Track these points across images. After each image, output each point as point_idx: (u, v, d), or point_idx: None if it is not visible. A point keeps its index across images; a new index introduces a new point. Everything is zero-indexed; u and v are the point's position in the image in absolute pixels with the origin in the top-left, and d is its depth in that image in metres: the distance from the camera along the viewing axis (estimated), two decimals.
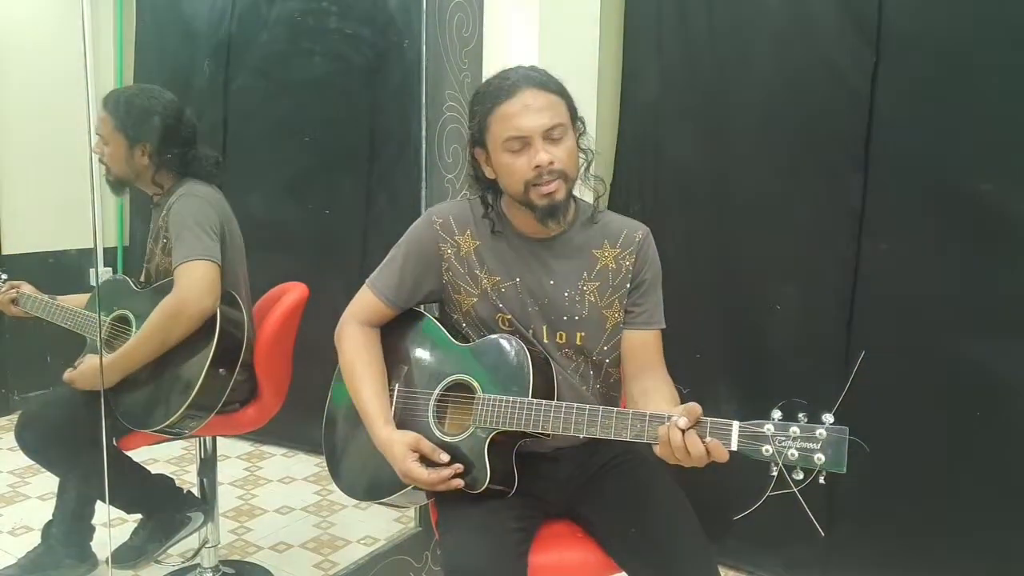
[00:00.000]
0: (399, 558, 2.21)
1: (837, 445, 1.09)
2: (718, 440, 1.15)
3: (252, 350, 1.97)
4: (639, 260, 1.49)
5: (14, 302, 1.92)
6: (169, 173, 1.91)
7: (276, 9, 2.91)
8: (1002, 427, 1.90)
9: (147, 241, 1.98)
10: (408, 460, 1.36)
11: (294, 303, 2.01)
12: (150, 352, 1.78)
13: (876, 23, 1.97)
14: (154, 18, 3.08)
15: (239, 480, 2.84)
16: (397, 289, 1.52)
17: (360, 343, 1.52)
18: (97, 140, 1.87)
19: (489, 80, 1.42)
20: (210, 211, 1.85)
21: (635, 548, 1.37)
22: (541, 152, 1.34)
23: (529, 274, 1.47)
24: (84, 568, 2.00)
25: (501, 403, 1.36)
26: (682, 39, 2.28)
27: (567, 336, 1.46)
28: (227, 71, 2.98)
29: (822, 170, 2.09)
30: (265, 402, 1.98)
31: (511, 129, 1.35)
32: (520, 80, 1.37)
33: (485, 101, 1.39)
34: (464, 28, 2.10)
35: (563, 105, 1.39)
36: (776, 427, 1.12)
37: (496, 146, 1.39)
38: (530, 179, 1.36)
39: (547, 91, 1.37)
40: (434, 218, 1.52)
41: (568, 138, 1.38)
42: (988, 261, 1.90)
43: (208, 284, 1.75)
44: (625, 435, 1.24)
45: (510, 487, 1.40)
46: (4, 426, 2.78)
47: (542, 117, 1.35)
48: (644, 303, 1.49)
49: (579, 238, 1.49)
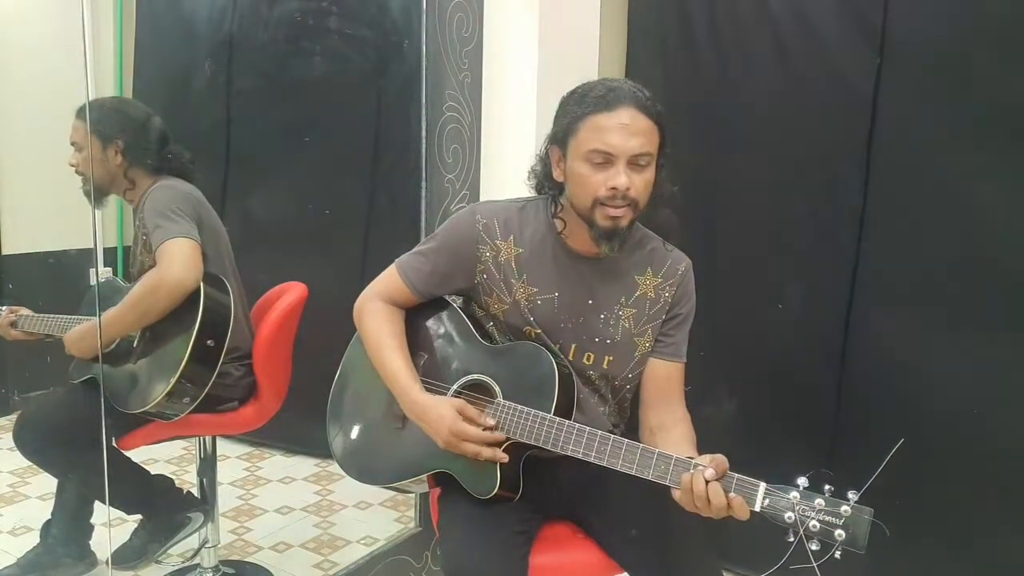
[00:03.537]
0: (399, 558, 2.21)
1: (859, 524, 1.09)
2: (742, 498, 1.14)
3: (251, 346, 1.98)
4: (679, 293, 1.47)
5: (13, 325, 1.95)
6: (143, 172, 1.92)
7: (277, 9, 2.91)
8: (1001, 426, 1.89)
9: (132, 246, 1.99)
10: (459, 420, 1.33)
11: (294, 303, 2.01)
12: (130, 324, 1.80)
13: (879, 24, 1.97)
14: (154, 18, 3.08)
15: (239, 480, 2.84)
16: (425, 278, 1.49)
17: (386, 316, 1.49)
18: (72, 153, 1.89)
19: (591, 84, 1.37)
20: (182, 199, 1.86)
21: (636, 549, 1.37)
22: (622, 175, 1.30)
23: (569, 290, 1.44)
24: (83, 567, 2.00)
25: (521, 414, 1.34)
26: (684, 40, 2.28)
27: (595, 358, 1.45)
28: (228, 71, 2.98)
29: (823, 170, 2.09)
30: (265, 402, 1.98)
31: (600, 143, 1.30)
32: (625, 96, 1.32)
33: (582, 104, 1.34)
34: (464, 28, 2.10)
35: (657, 135, 1.34)
36: (802, 496, 1.12)
37: (578, 153, 1.34)
38: (601, 197, 1.32)
39: (647, 116, 1.32)
40: (478, 217, 1.47)
41: (651, 169, 1.35)
42: (988, 261, 1.90)
43: (188, 259, 1.75)
44: (647, 475, 1.22)
45: (515, 493, 1.39)
46: (4, 426, 2.78)
47: (635, 140, 1.30)
48: (675, 335, 1.48)
49: (624, 261, 1.45)
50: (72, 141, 1.88)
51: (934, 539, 1.99)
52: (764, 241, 2.18)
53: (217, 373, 1.79)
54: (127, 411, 1.79)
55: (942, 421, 1.96)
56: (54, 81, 2.39)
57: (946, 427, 1.96)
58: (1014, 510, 1.90)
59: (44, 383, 2.53)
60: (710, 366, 2.20)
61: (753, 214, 2.20)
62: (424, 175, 2.10)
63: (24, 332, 1.95)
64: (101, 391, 1.74)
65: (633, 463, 1.24)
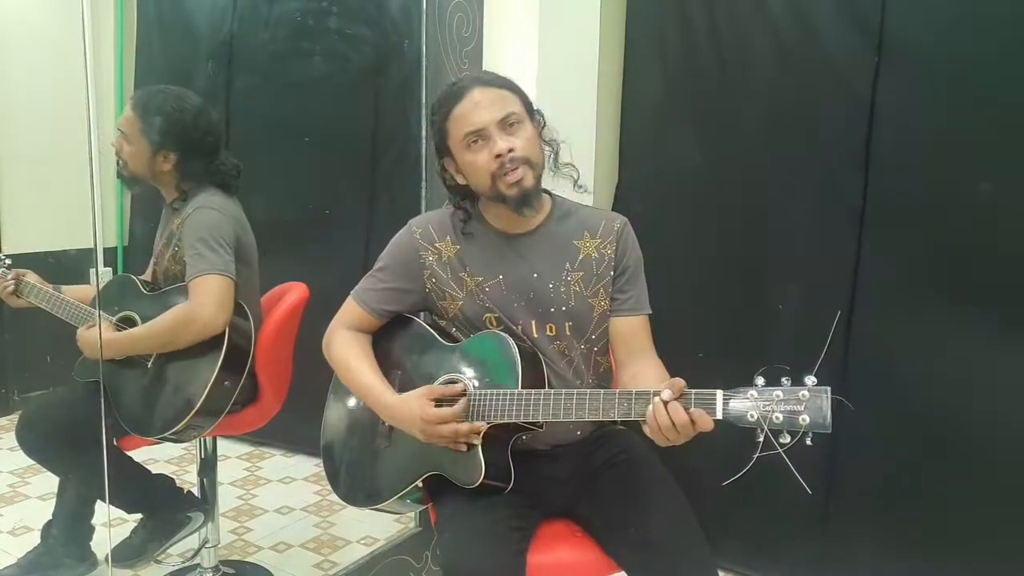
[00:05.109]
0: (399, 558, 2.21)
1: (821, 404, 1.10)
2: (703, 410, 1.16)
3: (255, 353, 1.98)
4: (620, 248, 1.51)
5: (17, 293, 1.91)
6: (189, 180, 1.91)
7: (277, 9, 2.92)
8: (1002, 426, 1.89)
9: (156, 240, 1.98)
10: (427, 407, 1.36)
11: (295, 303, 2.01)
12: (152, 347, 1.81)
13: (878, 23, 1.97)
14: (154, 18, 3.09)
15: (239, 480, 2.84)
16: (380, 297, 1.54)
17: (350, 340, 1.54)
18: (118, 136, 1.87)
19: (440, 91, 1.48)
20: (227, 225, 1.85)
21: (634, 547, 1.37)
22: (499, 141, 1.38)
23: (512, 270, 1.49)
24: (84, 568, 2.00)
25: (491, 396, 1.36)
26: (683, 39, 2.27)
27: (556, 328, 1.48)
28: (228, 71, 2.99)
29: (823, 170, 2.09)
30: (265, 402, 1.98)
31: (467, 125, 1.39)
32: (468, 82, 1.43)
33: (440, 109, 1.44)
34: (464, 28, 2.11)
35: (514, 97, 1.43)
36: (759, 392, 1.13)
37: (458, 148, 1.42)
38: (494, 170, 1.39)
39: (495, 87, 1.42)
40: (414, 228, 1.54)
41: (525, 127, 1.42)
42: (988, 261, 1.90)
43: (223, 300, 1.76)
44: (614, 414, 1.25)
45: (507, 483, 1.40)
46: (4, 426, 2.79)
47: (493, 109, 1.39)
48: (630, 290, 1.52)
49: (559, 230, 1.51)
50: (121, 129, 1.87)
51: (934, 539, 2.00)
52: (763, 241, 2.18)
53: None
54: (136, 435, 1.81)
55: (942, 421, 1.96)
56: (54, 81, 2.40)
57: (946, 427, 1.96)
58: (1015, 510, 1.90)
59: (44, 383, 2.54)
60: (709, 366, 2.20)
61: (752, 214, 2.20)
62: (424, 175, 2.10)
63: (27, 302, 1.91)
64: (102, 391, 1.75)
65: (599, 409, 1.27)
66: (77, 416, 1.81)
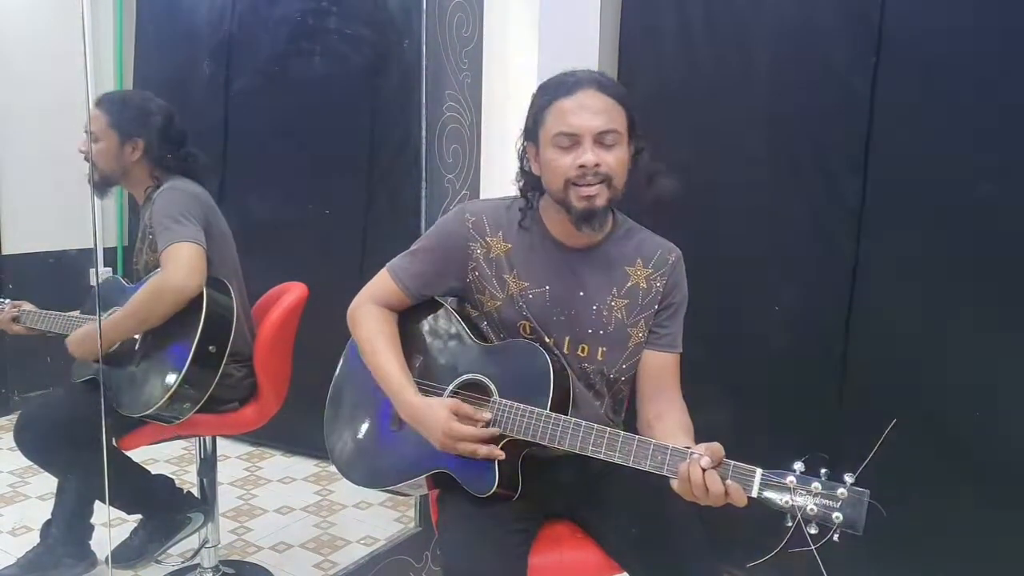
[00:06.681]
0: (399, 558, 2.21)
1: (856, 507, 1.09)
2: (739, 485, 1.15)
3: (252, 347, 1.98)
4: (670, 283, 1.48)
5: (15, 320, 1.95)
6: (157, 171, 1.93)
7: (276, 9, 2.91)
8: (1002, 426, 1.90)
9: (136, 242, 1.99)
10: (452, 420, 1.34)
11: (294, 303, 2.01)
12: (133, 325, 1.80)
13: (876, 22, 1.97)
14: (154, 18, 3.08)
15: (239, 480, 2.84)
16: (417, 279, 1.50)
17: (379, 319, 1.50)
18: (85, 140, 1.88)
19: (554, 76, 1.40)
20: (192, 202, 1.86)
21: (636, 549, 1.37)
22: (588, 153, 1.32)
23: (559, 283, 1.45)
24: (83, 567, 2.00)
25: (517, 411, 1.34)
26: (681, 39, 2.27)
27: (589, 350, 1.45)
28: (227, 71, 2.98)
29: (821, 170, 2.09)
30: (265, 402, 1.98)
31: (563, 125, 1.33)
32: (582, 79, 1.36)
33: (544, 94, 1.38)
34: (464, 28, 2.11)
35: (622, 113, 1.36)
36: (798, 480, 1.12)
37: (546, 141, 1.36)
38: (572, 177, 1.33)
39: (607, 94, 1.35)
40: (467, 215, 1.48)
41: (621, 147, 1.36)
42: (987, 261, 1.90)
43: (193, 264, 1.76)
44: (644, 465, 1.23)
45: (514, 492, 1.39)
46: (4, 426, 2.78)
47: (597, 119, 1.33)
48: (669, 326, 1.48)
49: (614, 252, 1.46)
50: (88, 129, 1.87)
51: (934, 539, 2.00)
52: (762, 241, 2.18)
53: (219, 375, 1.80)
54: (129, 414, 1.79)
55: (941, 421, 1.96)
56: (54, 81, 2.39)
57: (946, 427, 1.96)
58: (1016, 510, 1.90)
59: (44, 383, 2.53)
60: (707, 367, 2.20)
61: (751, 214, 2.20)
62: (424, 175, 2.10)
63: (26, 328, 1.96)
64: (102, 391, 1.75)
65: (630, 455, 1.24)
66: (76, 416, 1.80)
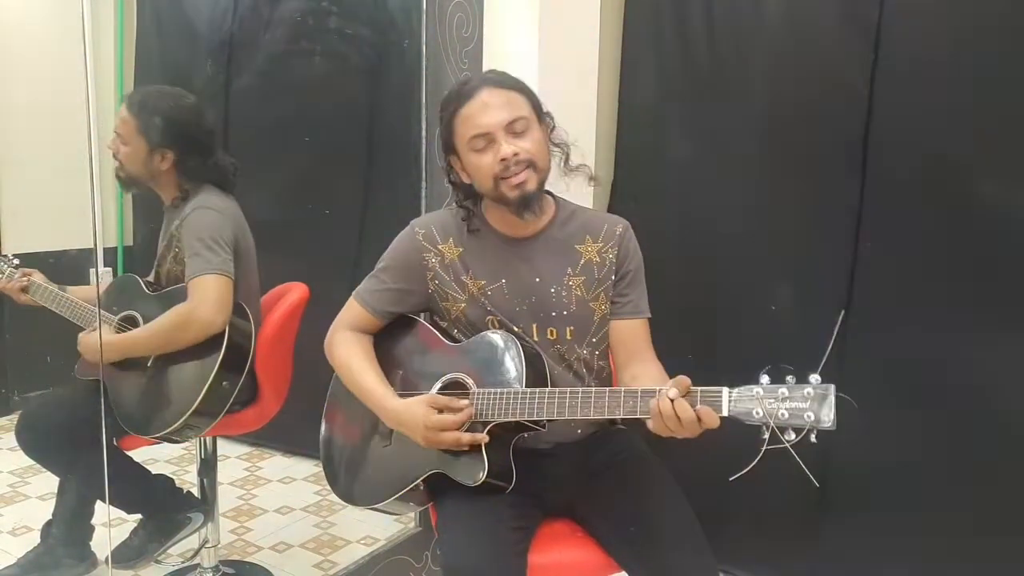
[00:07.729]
0: (399, 558, 2.21)
1: (825, 402, 1.11)
2: (709, 407, 1.17)
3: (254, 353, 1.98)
4: (622, 252, 1.52)
5: (24, 290, 1.92)
6: (187, 180, 1.91)
7: (277, 9, 2.91)
8: (997, 425, 1.89)
9: (158, 242, 1.98)
10: (431, 414, 1.36)
11: (295, 303, 2.01)
12: (151, 348, 1.81)
13: (875, 22, 1.97)
14: (154, 18, 3.08)
15: (239, 480, 2.84)
16: (382, 298, 1.55)
17: (352, 342, 1.54)
18: (114, 139, 1.87)
19: (450, 89, 1.48)
20: (225, 225, 1.85)
21: (634, 547, 1.37)
22: (504, 145, 1.38)
23: (514, 274, 1.49)
24: (84, 568, 2.00)
25: (495, 395, 1.37)
26: (681, 39, 2.27)
27: (557, 332, 1.49)
28: (228, 71, 2.98)
29: (820, 170, 2.08)
30: (265, 402, 1.98)
31: (474, 128, 1.40)
32: (478, 82, 1.43)
33: (448, 107, 1.44)
34: (464, 28, 2.11)
35: (523, 100, 1.43)
36: (765, 390, 1.14)
37: (464, 148, 1.43)
38: (497, 173, 1.39)
39: (504, 88, 1.42)
40: (416, 229, 1.54)
41: (533, 130, 1.42)
42: (987, 261, 1.90)
43: (221, 299, 1.77)
44: (619, 412, 1.26)
45: (508, 482, 1.40)
46: (4, 426, 2.78)
47: (501, 113, 1.39)
48: (630, 293, 1.53)
49: (560, 234, 1.52)
50: (118, 131, 1.86)
51: (935, 539, 2.00)
52: (760, 241, 2.18)
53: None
54: (135, 435, 1.81)
55: (941, 421, 1.96)
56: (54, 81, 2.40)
57: (945, 427, 1.96)
58: (1016, 510, 1.90)
59: (44, 383, 2.54)
60: (706, 367, 2.20)
61: (749, 214, 2.20)
62: (424, 175, 2.10)
63: (32, 300, 1.92)
64: (102, 391, 1.75)
65: (604, 407, 1.28)
66: (77, 416, 1.81)
